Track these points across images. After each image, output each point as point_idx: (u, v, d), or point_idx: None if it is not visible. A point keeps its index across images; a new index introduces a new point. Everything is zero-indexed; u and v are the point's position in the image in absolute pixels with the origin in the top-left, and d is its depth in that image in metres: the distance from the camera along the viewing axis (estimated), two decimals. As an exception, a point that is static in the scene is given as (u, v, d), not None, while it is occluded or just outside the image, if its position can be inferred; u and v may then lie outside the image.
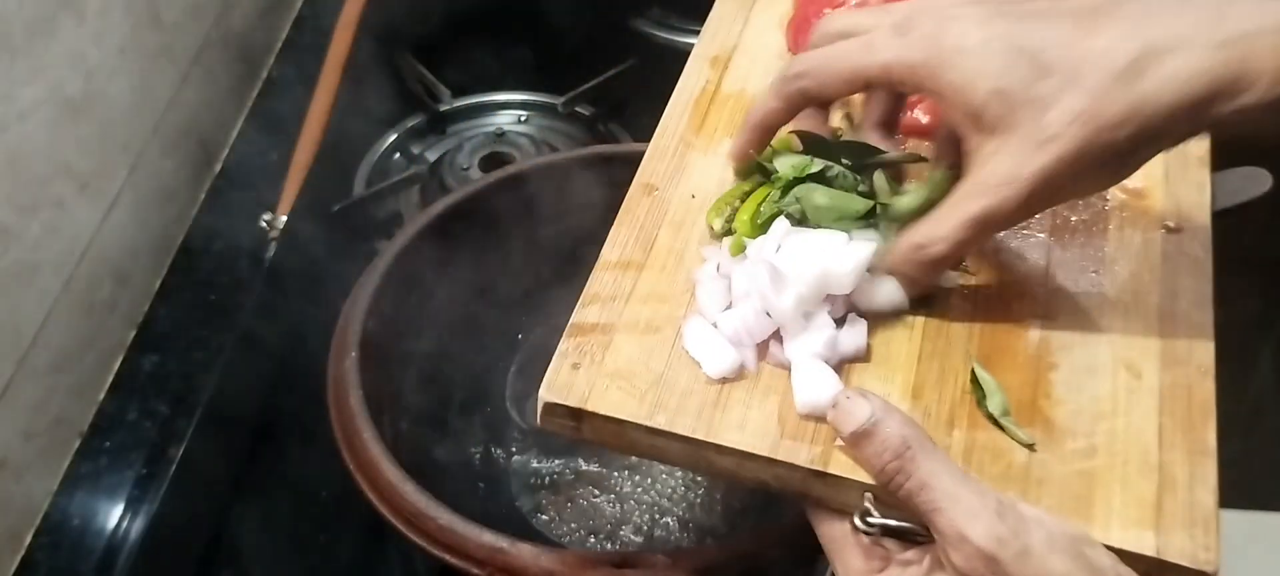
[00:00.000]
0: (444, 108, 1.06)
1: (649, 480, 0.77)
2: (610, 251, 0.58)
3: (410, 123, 1.05)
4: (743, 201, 0.59)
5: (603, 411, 0.50)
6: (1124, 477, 0.49)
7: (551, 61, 1.09)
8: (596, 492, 0.76)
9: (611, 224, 0.80)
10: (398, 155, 1.04)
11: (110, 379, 0.85)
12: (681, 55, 1.13)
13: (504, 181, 0.79)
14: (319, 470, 0.78)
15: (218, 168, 1.02)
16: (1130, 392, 0.52)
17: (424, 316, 0.77)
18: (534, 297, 0.83)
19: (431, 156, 1.02)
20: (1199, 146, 0.65)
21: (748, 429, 0.50)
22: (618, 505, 0.75)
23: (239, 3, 1.05)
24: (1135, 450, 0.50)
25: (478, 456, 0.79)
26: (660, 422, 0.50)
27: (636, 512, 0.75)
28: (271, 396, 0.85)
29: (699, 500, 0.74)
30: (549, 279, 0.82)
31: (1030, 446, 0.50)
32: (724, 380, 0.51)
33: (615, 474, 0.77)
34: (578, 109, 1.06)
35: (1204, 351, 0.54)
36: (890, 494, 0.46)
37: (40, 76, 0.76)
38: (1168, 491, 0.48)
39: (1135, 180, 0.60)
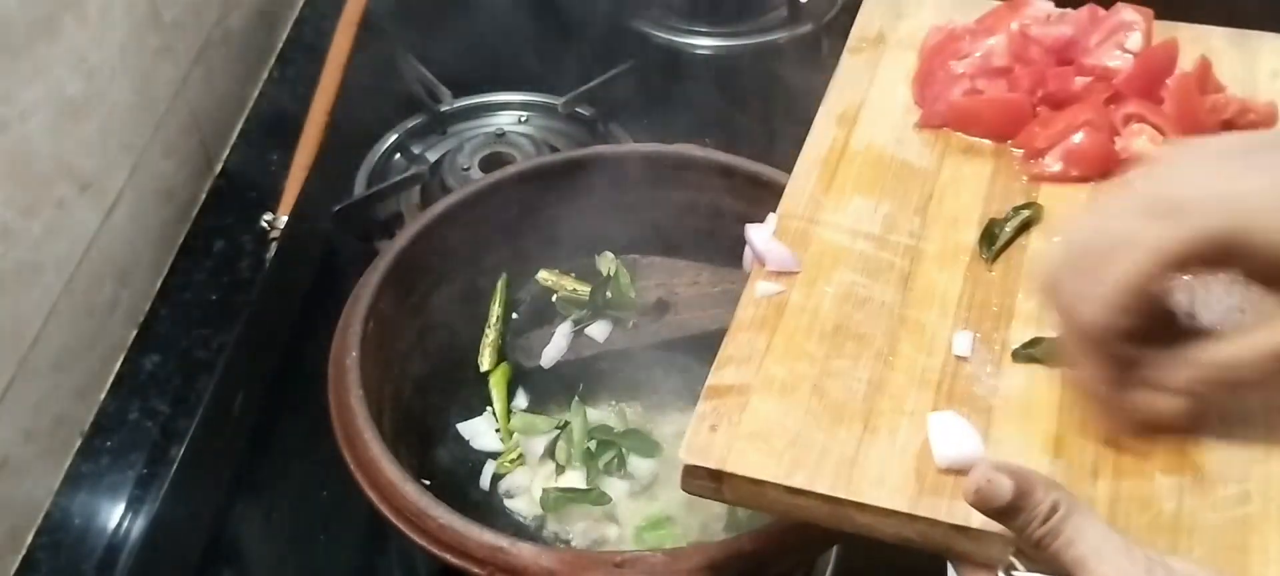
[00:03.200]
0: (444, 108, 1.06)
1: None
2: (743, 313, 0.58)
3: (411, 123, 1.05)
4: None
5: (742, 472, 0.50)
6: None
7: (551, 61, 1.09)
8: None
9: (611, 223, 0.81)
10: (398, 155, 1.04)
11: (111, 378, 0.85)
12: (681, 55, 1.15)
13: (504, 182, 0.79)
14: (319, 470, 0.79)
15: (219, 168, 1.02)
16: None
17: (424, 316, 0.77)
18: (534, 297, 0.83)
19: (432, 157, 1.02)
20: None
21: (887, 485, 0.49)
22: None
23: (239, 3, 1.05)
24: None
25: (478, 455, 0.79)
26: (799, 482, 0.49)
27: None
28: (271, 396, 0.85)
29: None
30: (549, 279, 0.82)
31: None
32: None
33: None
34: (578, 109, 1.06)
35: None
36: (1035, 550, 0.45)
37: (41, 77, 0.76)
38: None
39: None
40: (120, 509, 0.78)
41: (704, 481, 0.51)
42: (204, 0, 0.99)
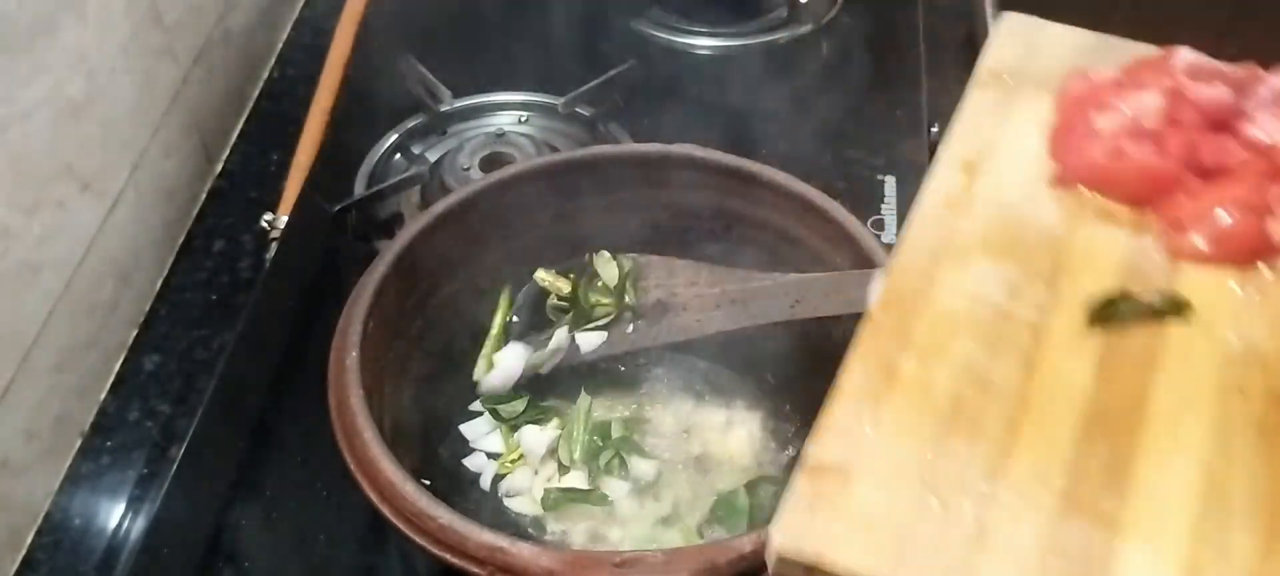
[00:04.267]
0: (444, 108, 1.06)
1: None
2: (849, 380, 0.52)
3: (411, 123, 1.05)
4: None
5: (842, 564, 0.46)
6: None
7: (551, 61, 1.09)
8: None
9: (611, 223, 0.81)
10: (398, 155, 1.04)
11: (112, 378, 0.85)
12: (682, 55, 1.15)
13: (504, 182, 0.79)
14: (319, 470, 0.79)
15: (219, 168, 1.02)
16: None
17: (425, 317, 0.77)
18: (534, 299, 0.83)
19: (432, 157, 1.02)
20: None
21: None
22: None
23: (240, 3, 1.06)
24: None
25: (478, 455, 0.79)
26: None
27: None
28: (272, 396, 0.85)
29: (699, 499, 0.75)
30: (549, 279, 0.82)
31: None
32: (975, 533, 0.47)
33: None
34: (578, 109, 1.06)
35: None
36: None
37: (42, 76, 0.76)
38: None
39: None
40: (120, 509, 0.78)
41: (796, 568, 0.47)
42: (204, 0, 0.99)
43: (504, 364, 0.78)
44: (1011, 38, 0.69)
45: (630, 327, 0.78)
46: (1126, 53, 0.66)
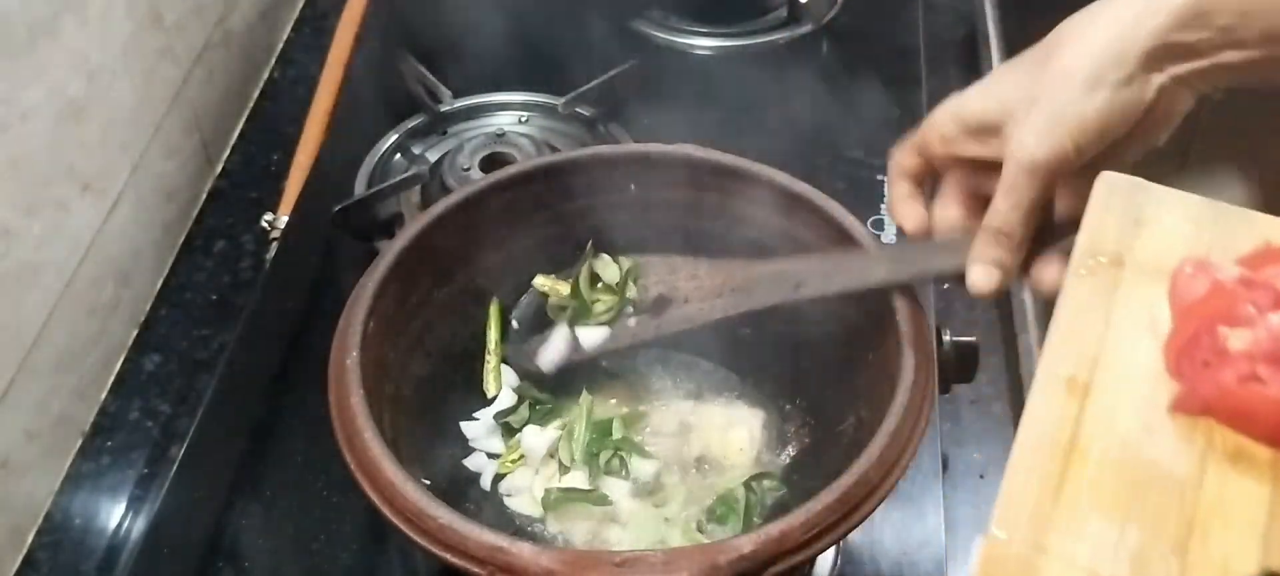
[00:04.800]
0: (444, 108, 1.07)
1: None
2: None
3: (411, 123, 1.06)
4: None
5: None
6: None
7: (551, 61, 1.09)
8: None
9: (611, 223, 0.81)
10: (398, 156, 1.04)
11: (112, 378, 0.85)
12: (682, 55, 1.15)
13: (504, 182, 0.79)
14: (319, 470, 0.79)
15: (219, 168, 1.02)
16: None
17: (425, 317, 0.77)
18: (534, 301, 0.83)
19: (432, 157, 1.02)
20: None
21: None
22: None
23: (240, 3, 1.06)
24: None
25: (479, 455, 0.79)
26: None
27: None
28: (272, 396, 0.85)
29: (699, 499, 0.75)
30: (549, 279, 0.82)
31: None
32: None
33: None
34: (578, 109, 1.06)
35: None
36: None
37: (42, 78, 0.76)
38: None
39: None
40: (121, 508, 0.78)
41: None
42: (204, 1, 0.99)
43: (553, 343, 0.78)
44: (1110, 209, 0.59)
45: (632, 321, 0.78)
46: (1246, 227, 0.56)
